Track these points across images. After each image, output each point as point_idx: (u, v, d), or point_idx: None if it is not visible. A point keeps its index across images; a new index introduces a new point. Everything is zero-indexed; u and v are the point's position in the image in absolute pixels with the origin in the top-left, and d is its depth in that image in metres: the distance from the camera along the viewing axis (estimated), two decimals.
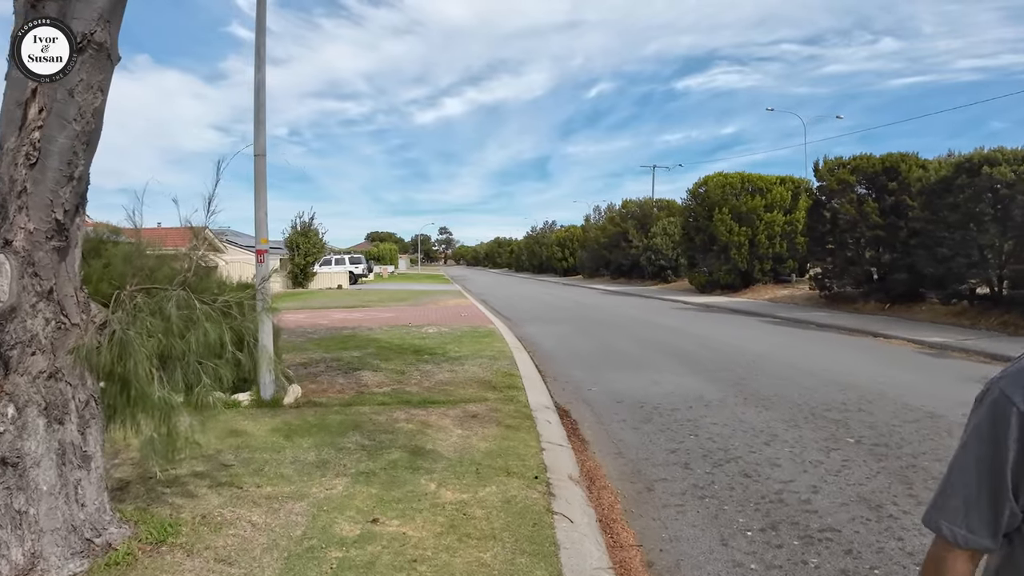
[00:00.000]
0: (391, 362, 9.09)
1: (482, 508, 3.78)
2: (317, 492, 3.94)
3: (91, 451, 2.97)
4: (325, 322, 15.36)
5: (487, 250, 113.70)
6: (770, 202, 24.71)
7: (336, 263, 42.93)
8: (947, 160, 14.24)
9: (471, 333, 12.77)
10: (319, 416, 5.97)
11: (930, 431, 5.91)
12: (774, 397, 7.29)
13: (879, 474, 4.82)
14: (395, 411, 6.20)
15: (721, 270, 25.19)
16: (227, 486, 4.03)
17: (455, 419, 5.92)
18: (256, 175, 6.75)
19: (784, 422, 6.26)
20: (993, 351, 10.36)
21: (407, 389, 7.28)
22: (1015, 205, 12.00)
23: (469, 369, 8.59)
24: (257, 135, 6.76)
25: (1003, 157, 12.26)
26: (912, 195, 15.29)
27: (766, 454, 5.29)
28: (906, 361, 10.04)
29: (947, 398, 7.18)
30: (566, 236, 55.85)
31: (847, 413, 6.55)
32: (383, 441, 5.12)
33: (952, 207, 13.15)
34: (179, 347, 2.88)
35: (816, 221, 18.84)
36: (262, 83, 6.71)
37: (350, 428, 5.51)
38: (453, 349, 10.41)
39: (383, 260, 71.76)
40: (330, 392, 7.14)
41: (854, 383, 8.03)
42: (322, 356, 9.68)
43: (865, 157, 17.04)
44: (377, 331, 13.14)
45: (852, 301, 17.66)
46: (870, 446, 5.48)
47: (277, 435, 5.30)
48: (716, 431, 5.97)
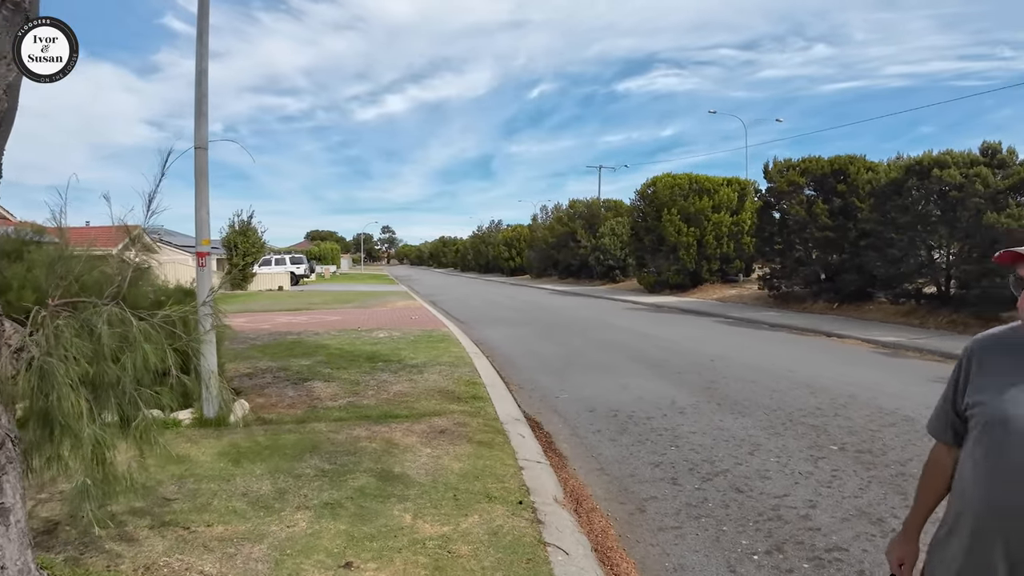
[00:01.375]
0: (344, 371, 8.53)
1: (467, 543, 3.37)
2: (277, 531, 3.44)
3: (9, 503, 2.41)
4: (268, 326, 14.56)
5: (432, 249, 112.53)
6: (717, 203, 25.03)
7: (276, 263, 41.49)
8: (896, 162, 14.59)
9: (425, 337, 12.27)
10: (271, 436, 5.42)
11: (910, 435, 5.81)
12: (747, 402, 7.11)
13: (871, 484, 4.63)
14: (355, 428, 5.69)
15: (670, 270, 25.36)
16: (172, 526, 3.48)
17: (421, 436, 5.46)
18: (197, 170, 6.12)
19: (764, 429, 6.06)
20: (946, 350, 10.55)
21: (364, 402, 6.77)
22: (963, 207, 12.33)
23: (429, 378, 8.13)
24: (198, 127, 6.13)
25: (952, 160, 12.58)
26: (861, 197, 15.61)
27: (754, 465, 5.05)
28: (865, 361, 10.10)
29: (916, 400, 7.15)
30: (513, 236, 55.61)
31: (824, 418, 6.41)
32: (346, 464, 4.63)
33: (902, 209, 13.44)
34: (112, 373, 2.36)
35: (765, 222, 19.10)
36: (204, 72, 6.09)
37: (307, 449, 4.99)
38: (409, 355, 9.91)
39: (324, 260, 69.97)
40: (280, 407, 6.57)
41: (823, 386, 7.95)
42: (268, 365, 9.03)
43: (814, 159, 17.34)
44: (325, 336, 12.48)
45: (801, 301, 17.95)
46: (855, 453, 5.32)
47: (225, 460, 4.74)
48: (697, 441, 5.71)
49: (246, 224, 33.08)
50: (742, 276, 26.10)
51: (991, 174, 12.16)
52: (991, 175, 12.15)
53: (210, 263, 6.08)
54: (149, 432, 2.52)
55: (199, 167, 6.10)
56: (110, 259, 3.02)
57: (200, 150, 6.11)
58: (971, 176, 12.09)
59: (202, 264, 6.05)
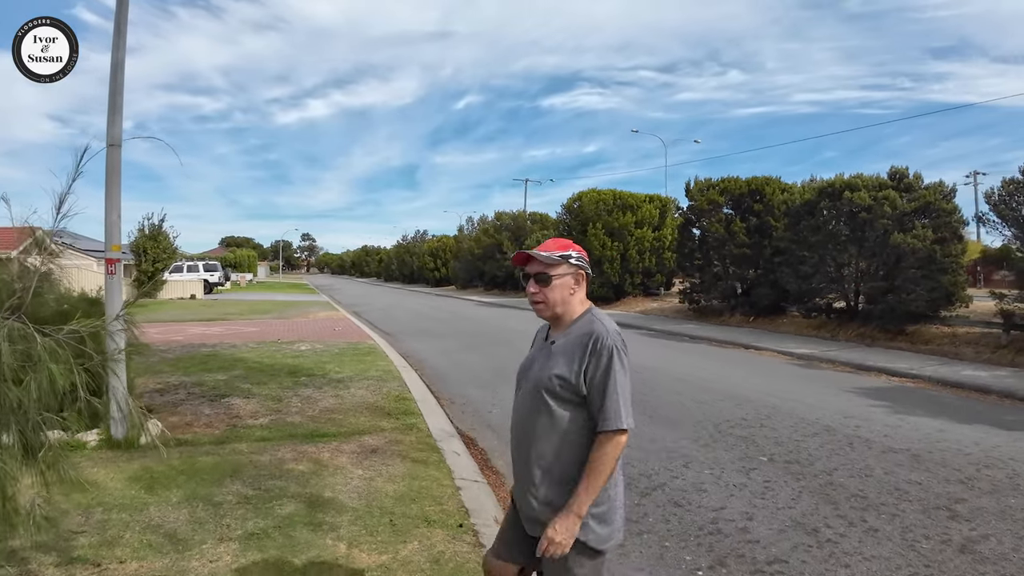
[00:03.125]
0: (264, 386, 8.11)
1: (408, 572, 3.19)
2: (198, 567, 3.15)
3: None
4: (180, 338, 13.75)
5: (354, 258, 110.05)
6: (640, 219, 25.66)
7: (189, 270, 39.42)
8: (810, 184, 15.40)
9: (350, 350, 11.88)
10: (187, 459, 5.03)
11: (833, 445, 6.03)
12: (676, 415, 7.22)
13: (802, 494, 4.75)
14: (279, 448, 5.38)
15: (595, 283, 25.76)
16: (81, 563, 3.12)
17: (352, 455, 5.22)
18: (108, 169, 5.65)
19: (694, 441, 6.15)
20: (857, 361, 11.13)
21: (289, 420, 6.43)
22: (871, 228, 13.10)
23: (356, 393, 7.83)
24: (112, 123, 5.67)
25: (862, 183, 13.37)
26: (776, 216, 16.36)
27: (689, 478, 5.09)
28: (782, 373, 10.51)
29: (833, 410, 7.47)
30: (438, 246, 55.16)
31: (751, 429, 6.58)
32: (271, 489, 4.33)
33: (814, 228, 14.16)
34: (13, 396, 2.07)
35: (686, 238, 19.71)
36: (121, 64, 5.65)
37: (227, 473, 4.66)
38: (334, 369, 9.54)
39: (240, 267, 67.17)
40: (196, 426, 6.13)
41: (745, 396, 8.19)
42: (181, 380, 8.47)
43: (732, 179, 18.08)
44: (243, 349, 11.88)
45: (719, 314, 18.60)
46: (783, 463, 5.46)
47: (137, 487, 4.36)
48: (631, 454, 5.71)
49: (157, 228, 31.25)
50: (663, 290, 26.84)
51: (899, 197, 13.00)
52: (899, 198, 12.98)
53: (120, 270, 5.62)
54: (58, 463, 2.23)
55: (111, 166, 5.64)
56: (8, 263, 2.69)
57: (113, 147, 5.65)
58: (879, 199, 12.89)
59: (112, 271, 5.58)
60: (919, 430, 6.68)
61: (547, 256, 2.06)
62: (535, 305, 2.12)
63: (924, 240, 12.80)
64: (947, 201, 13.63)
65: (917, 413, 7.50)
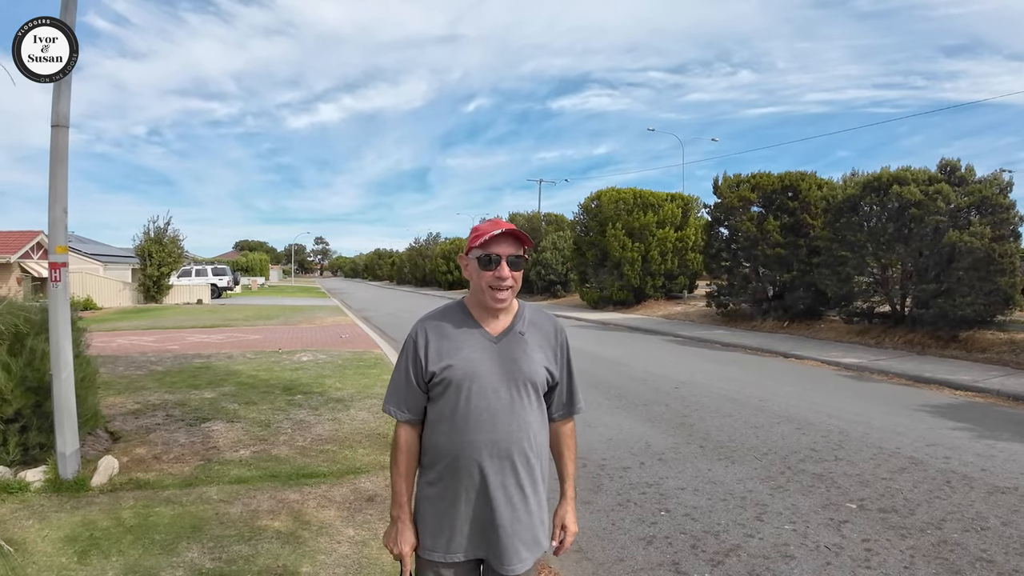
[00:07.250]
0: (254, 407, 7.14)
1: None
2: None
3: None
4: (176, 347, 12.85)
5: (367, 261, 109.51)
6: (662, 218, 24.55)
7: (197, 274, 38.79)
8: (853, 179, 14.19)
9: (355, 361, 10.90)
10: (141, 509, 4.05)
11: (928, 484, 4.95)
12: (732, 443, 6.15)
13: (915, 559, 3.68)
14: (256, 494, 4.38)
15: (614, 286, 24.67)
16: None
17: (342, 507, 4.21)
18: (53, 155, 4.68)
19: (762, 481, 5.08)
20: (913, 372, 10.01)
21: (274, 452, 5.44)
22: (921, 224, 11.94)
23: (356, 415, 6.84)
24: (58, 98, 4.70)
25: (911, 177, 12.20)
26: (812, 213, 15.20)
27: (767, 537, 4.02)
28: (834, 386, 9.39)
29: (911, 435, 6.38)
30: (451, 249, 54.22)
31: (825, 464, 5.50)
32: (235, 561, 3.33)
33: (857, 226, 13.01)
34: None
35: (713, 238, 18.56)
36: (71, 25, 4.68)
37: (185, 533, 3.67)
38: (334, 385, 8.56)
39: (252, 271, 66.70)
40: (165, 460, 5.16)
41: (805, 418, 7.10)
42: (163, 398, 7.53)
43: (764, 175, 16.91)
44: (239, 360, 10.93)
45: (749, 319, 17.45)
46: (878, 512, 4.39)
47: (69, 552, 3.38)
48: (689, 501, 4.67)
49: (163, 231, 30.57)
50: (687, 293, 25.68)
51: (952, 191, 11.83)
52: (952, 192, 11.81)
53: (66, 277, 4.65)
54: None
55: (56, 151, 4.66)
56: None
57: (59, 128, 4.69)
58: (931, 193, 11.72)
59: (56, 279, 4.62)
60: (1017, 460, 5.60)
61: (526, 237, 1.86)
62: (502, 292, 1.81)
63: (982, 238, 11.62)
64: (1004, 196, 12.44)
65: (1004, 438, 6.41)
